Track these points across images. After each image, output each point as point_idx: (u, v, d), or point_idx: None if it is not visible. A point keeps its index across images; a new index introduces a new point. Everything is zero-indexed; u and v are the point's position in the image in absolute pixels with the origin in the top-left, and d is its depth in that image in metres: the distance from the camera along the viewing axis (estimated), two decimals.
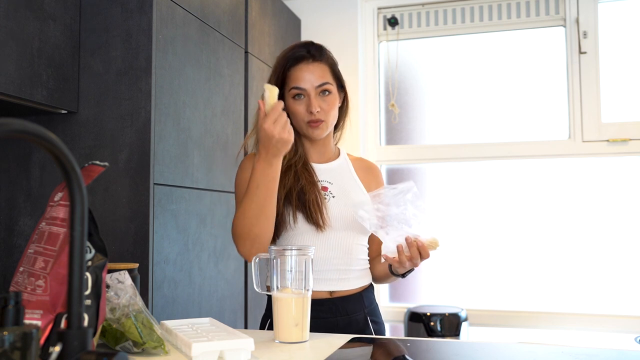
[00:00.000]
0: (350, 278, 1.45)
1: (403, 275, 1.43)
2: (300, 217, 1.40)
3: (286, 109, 1.44)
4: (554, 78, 2.83)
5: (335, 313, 1.41)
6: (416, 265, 1.35)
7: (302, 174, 1.43)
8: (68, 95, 1.70)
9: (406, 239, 1.32)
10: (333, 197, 1.45)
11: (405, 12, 3.01)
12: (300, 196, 1.40)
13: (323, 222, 1.39)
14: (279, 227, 1.41)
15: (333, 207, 1.43)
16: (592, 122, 2.73)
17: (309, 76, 1.42)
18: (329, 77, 1.44)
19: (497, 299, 2.83)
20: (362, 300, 1.46)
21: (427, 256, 1.34)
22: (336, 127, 1.57)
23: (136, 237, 1.65)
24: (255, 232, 1.31)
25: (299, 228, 1.40)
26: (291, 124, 1.44)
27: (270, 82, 1.46)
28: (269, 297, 1.47)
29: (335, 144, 1.60)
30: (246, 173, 1.43)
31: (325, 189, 1.46)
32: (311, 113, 1.41)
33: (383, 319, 1.56)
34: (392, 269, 1.41)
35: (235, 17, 2.23)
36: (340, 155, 1.58)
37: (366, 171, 1.58)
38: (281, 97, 1.44)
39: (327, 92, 1.43)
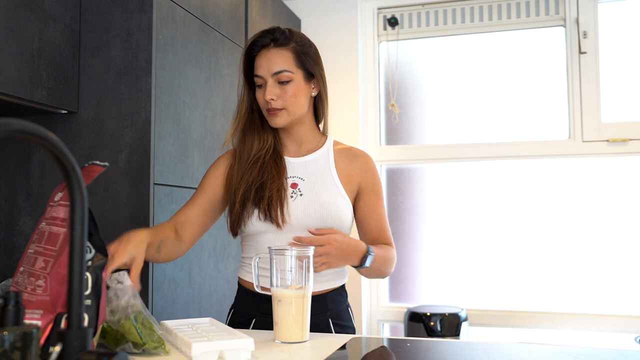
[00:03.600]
0: (317, 280, 1.37)
1: (363, 266, 1.35)
2: (255, 213, 1.36)
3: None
4: (554, 78, 2.82)
5: None
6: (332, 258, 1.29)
7: (268, 167, 1.40)
8: (68, 95, 1.70)
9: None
10: (301, 195, 1.39)
11: (405, 12, 3.01)
12: (259, 192, 1.36)
13: (282, 221, 1.34)
14: (236, 224, 1.40)
15: (297, 206, 1.37)
16: (592, 122, 2.73)
17: (266, 63, 1.37)
18: (289, 65, 1.37)
19: (497, 299, 2.83)
20: (325, 303, 1.39)
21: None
22: (317, 117, 1.50)
23: None
24: None
25: (256, 225, 1.37)
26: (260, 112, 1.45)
27: (241, 72, 1.45)
28: (240, 289, 1.47)
29: (324, 134, 1.52)
30: (213, 169, 1.47)
31: (294, 185, 1.40)
32: (267, 101, 1.37)
33: (383, 318, 1.54)
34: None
35: (235, 17, 2.23)
36: (323, 147, 1.48)
37: (350, 161, 1.48)
38: (253, 85, 1.44)
39: (285, 80, 1.37)
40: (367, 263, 1.35)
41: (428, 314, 2.60)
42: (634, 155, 2.69)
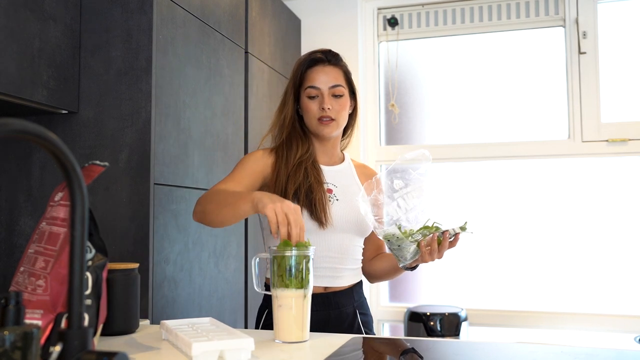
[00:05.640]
0: (344, 276, 1.53)
1: (412, 268, 1.47)
2: (305, 213, 1.45)
3: (301, 107, 1.56)
4: (554, 78, 2.83)
5: (328, 307, 1.49)
6: (438, 258, 1.42)
7: (311, 172, 1.50)
8: (68, 95, 1.70)
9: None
10: (337, 199, 1.51)
11: (405, 12, 3.01)
12: (308, 194, 1.46)
13: (326, 220, 1.46)
14: None
15: (336, 209, 1.49)
16: (591, 122, 2.73)
17: (324, 77, 1.53)
18: (342, 81, 1.55)
19: (497, 299, 2.83)
20: (352, 295, 1.55)
21: (452, 245, 1.43)
22: (344, 133, 1.65)
23: (136, 237, 1.65)
24: (207, 219, 1.40)
25: (306, 224, 1.45)
26: (304, 123, 1.57)
27: (289, 83, 1.57)
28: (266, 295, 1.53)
29: (342, 150, 1.68)
30: (251, 159, 1.53)
31: (330, 191, 1.53)
32: (323, 109, 1.50)
33: (383, 318, 1.60)
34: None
35: (235, 17, 2.23)
36: (345, 160, 1.65)
37: (367, 179, 1.64)
38: (297, 96, 1.56)
39: (339, 94, 1.53)
40: (416, 268, 1.50)
41: (428, 313, 2.60)
42: (633, 155, 2.69)
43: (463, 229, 1.43)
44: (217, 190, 1.42)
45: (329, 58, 1.55)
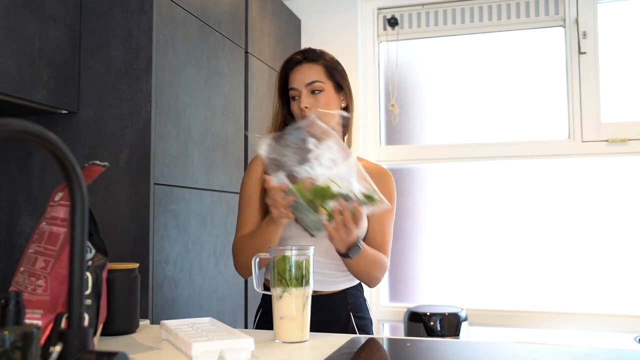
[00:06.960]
0: (335, 281, 1.51)
1: (347, 255, 1.36)
2: (291, 221, 1.38)
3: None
4: (554, 78, 2.83)
5: (318, 309, 1.40)
6: (350, 235, 1.30)
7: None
8: (68, 95, 1.70)
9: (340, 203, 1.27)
10: None
11: (405, 12, 3.01)
12: None
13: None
14: None
15: None
16: (591, 122, 2.73)
17: (299, 76, 1.49)
18: (320, 77, 1.49)
19: (497, 299, 2.83)
20: (346, 298, 1.52)
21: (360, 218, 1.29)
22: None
23: (136, 237, 1.65)
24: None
25: (292, 231, 1.44)
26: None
27: (275, 88, 1.55)
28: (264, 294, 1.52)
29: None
30: (248, 177, 1.53)
31: None
32: (301, 109, 1.46)
33: (383, 318, 1.57)
34: (335, 248, 1.38)
35: (236, 17, 2.23)
36: None
37: (375, 177, 1.53)
38: (286, 100, 1.53)
39: (317, 91, 1.48)
40: (352, 254, 1.36)
41: (428, 313, 2.60)
42: (633, 155, 2.69)
43: (370, 199, 1.25)
44: (240, 242, 1.47)
45: (306, 56, 1.51)
